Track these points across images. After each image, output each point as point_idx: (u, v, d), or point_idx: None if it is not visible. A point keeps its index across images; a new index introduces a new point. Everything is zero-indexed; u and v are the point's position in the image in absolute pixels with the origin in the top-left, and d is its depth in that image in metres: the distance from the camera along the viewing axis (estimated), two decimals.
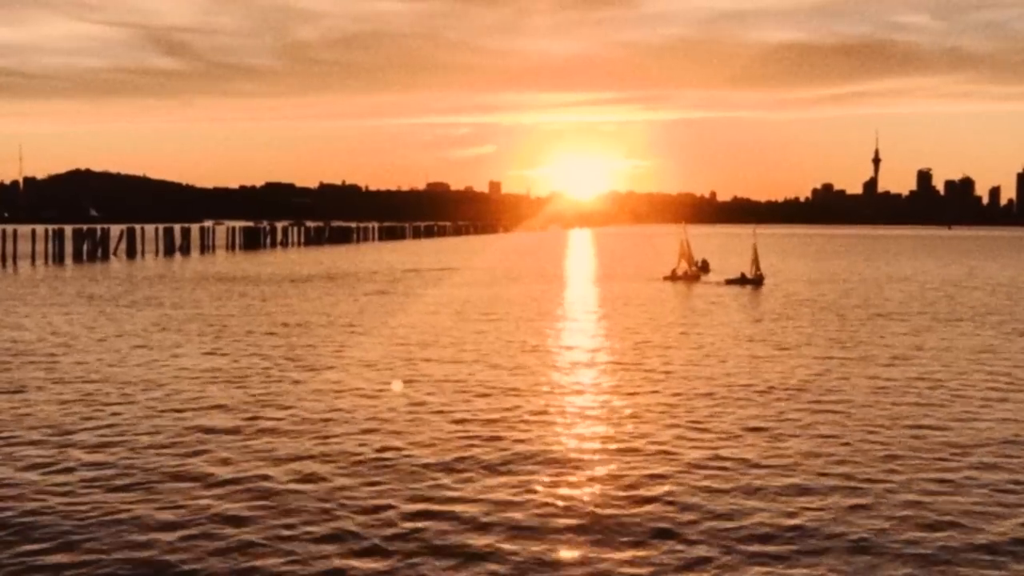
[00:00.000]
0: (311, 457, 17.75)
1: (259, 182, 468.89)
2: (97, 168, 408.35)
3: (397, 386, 25.38)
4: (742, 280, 65.01)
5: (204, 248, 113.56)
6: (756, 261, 66.26)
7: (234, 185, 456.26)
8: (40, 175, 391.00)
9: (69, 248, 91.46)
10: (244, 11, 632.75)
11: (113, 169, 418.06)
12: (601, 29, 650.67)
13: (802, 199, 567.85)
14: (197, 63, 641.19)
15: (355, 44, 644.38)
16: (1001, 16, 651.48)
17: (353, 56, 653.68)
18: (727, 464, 17.51)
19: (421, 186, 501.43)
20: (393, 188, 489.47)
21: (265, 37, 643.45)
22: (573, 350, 32.47)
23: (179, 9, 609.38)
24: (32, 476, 16.41)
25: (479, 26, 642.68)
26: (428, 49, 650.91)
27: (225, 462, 17.34)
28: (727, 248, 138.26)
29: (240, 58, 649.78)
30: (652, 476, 16.64)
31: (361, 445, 18.66)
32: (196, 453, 17.98)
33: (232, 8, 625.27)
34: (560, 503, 15.14)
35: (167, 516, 14.36)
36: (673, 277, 68.89)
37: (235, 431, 19.79)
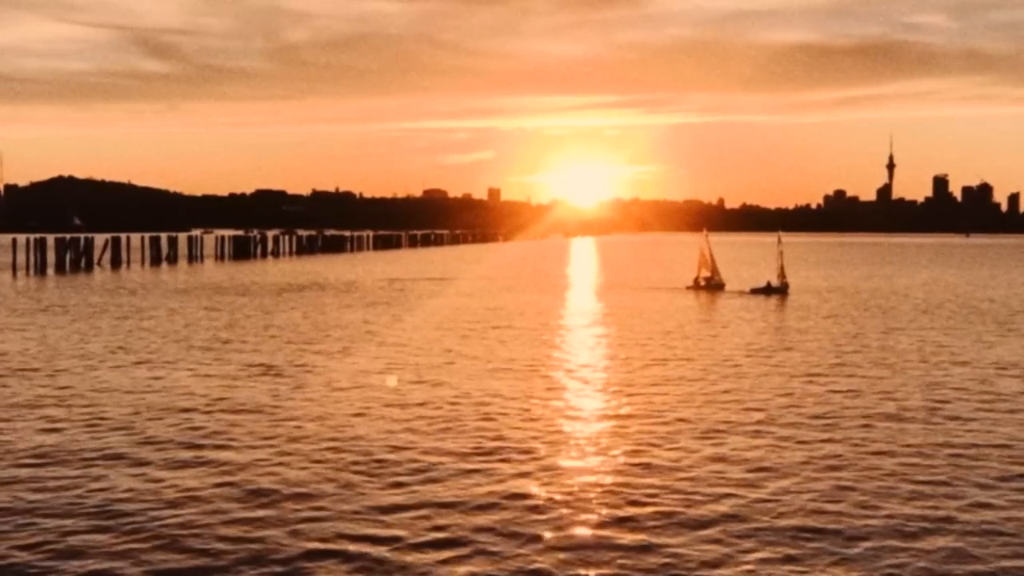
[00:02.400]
0: (303, 469, 17.60)
1: (249, 189, 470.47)
2: (81, 175, 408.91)
3: (391, 381, 26.47)
4: (768, 289, 65.37)
5: (192, 258, 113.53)
6: (782, 269, 66.62)
7: (223, 192, 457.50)
8: (22, 182, 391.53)
9: (52, 258, 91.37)
10: (233, 12, 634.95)
11: (97, 176, 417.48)
12: (604, 30, 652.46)
13: (813, 206, 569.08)
14: (184, 66, 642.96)
15: (348, 46, 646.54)
16: (1020, 16, 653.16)
17: (346, 58, 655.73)
18: (756, 500, 17.32)
19: (417, 193, 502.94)
20: (388, 195, 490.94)
21: (254, 39, 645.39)
22: (597, 369, 32.26)
23: (165, 10, 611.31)
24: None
25: (477, 27, 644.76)
26: (424, 51, 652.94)
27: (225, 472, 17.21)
28: (738, 258, 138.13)
29: (229, 61, 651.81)
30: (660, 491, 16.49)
31: (359, 453, 18.57)
32: (191, 465, 17.84)
33: (220, 9, 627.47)
34: (564, 525, 15.01)
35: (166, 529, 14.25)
36: (696, 286, 68.96)
37: (231, 440, 19.66)
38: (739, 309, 53.99)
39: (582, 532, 14.84)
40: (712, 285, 68.16)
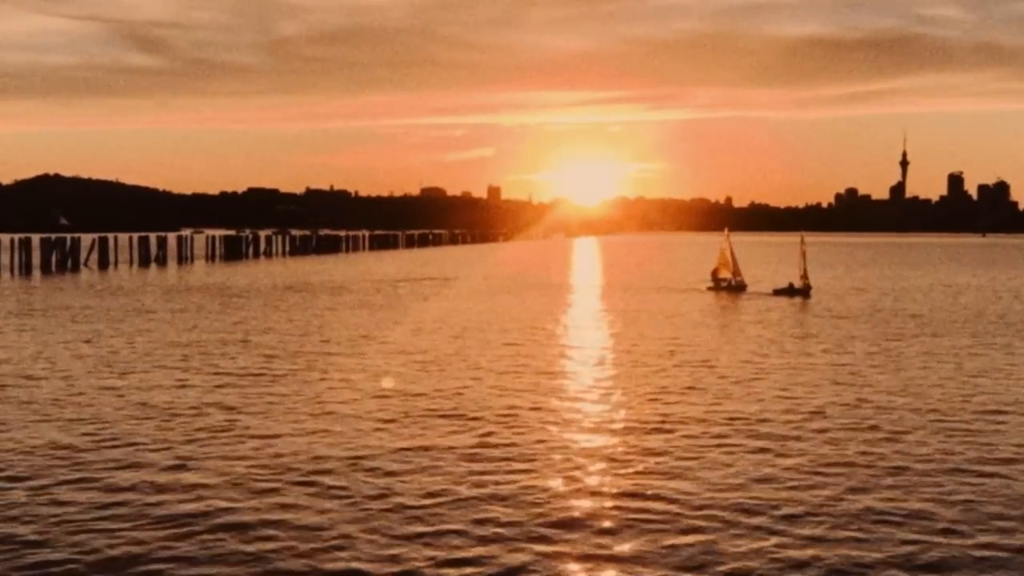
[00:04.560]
0: (296, 483, 17.47)
1: (241, 187, 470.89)
2: (67, 173, 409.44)
3: (388, 382, 27.30)
4: (790, 290, 65.95)
5: (182, 258, 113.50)
6: (804, 270, 67.11)
7: (214, 191, 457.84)
8: (5, 181, 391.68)
9: (37, 259, 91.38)
10: (224, 5, 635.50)
11: (84, 174, 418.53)
12: (608, 23, 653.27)
13: (824, 205, 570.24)
14: (174, 60, 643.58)
15: (343, 40, 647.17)
16: None
17: (341, 52, 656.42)
18: (768, 517, 17.18)
19: (415, 191, 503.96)
20: (385, 194, 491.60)
21: (247, 33, 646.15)
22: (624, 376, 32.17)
23: (155, 3, 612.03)
24: None
25: (476, 20, 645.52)
26: (421, 45, 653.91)
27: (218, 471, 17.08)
28: (748, 258, 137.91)
29: (220, 55, 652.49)
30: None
31: (357, 456, 18.44)
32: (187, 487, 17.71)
33: (211, 1, 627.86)
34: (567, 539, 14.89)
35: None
36: (716, 287, 69.27)
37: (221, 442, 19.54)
38: (763, 311, 54.02)
39: (586, 534, 14.83)
40: (734, 286, 68.53)
